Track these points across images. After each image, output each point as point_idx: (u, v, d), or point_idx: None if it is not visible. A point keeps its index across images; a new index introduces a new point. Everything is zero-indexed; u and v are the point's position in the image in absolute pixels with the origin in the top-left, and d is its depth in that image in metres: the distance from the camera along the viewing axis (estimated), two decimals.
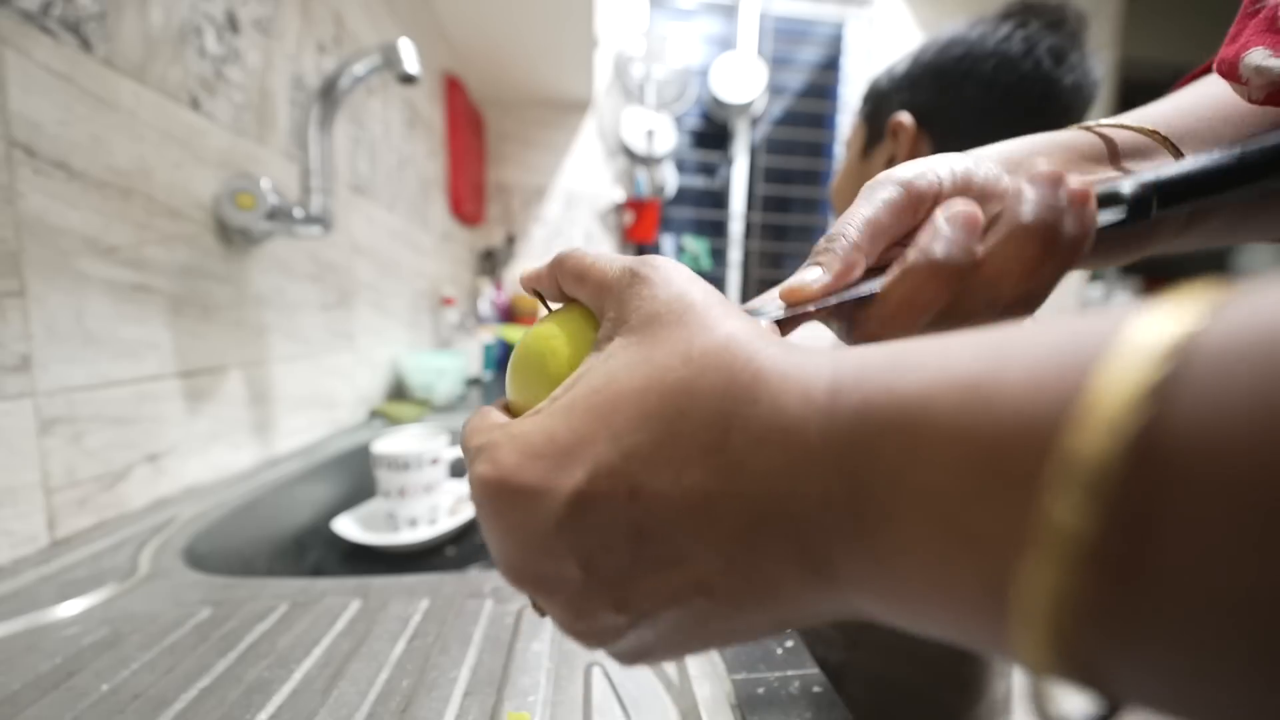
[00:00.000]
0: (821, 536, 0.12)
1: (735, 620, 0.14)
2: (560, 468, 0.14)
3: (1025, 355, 0.09)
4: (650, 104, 1.94)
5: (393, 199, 1.11)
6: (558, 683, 0.28)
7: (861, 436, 0.11)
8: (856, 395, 0.11)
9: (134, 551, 0.43)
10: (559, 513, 0.13)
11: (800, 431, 0.12)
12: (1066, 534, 0.08)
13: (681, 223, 2.17)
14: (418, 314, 1.26)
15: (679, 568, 0.13)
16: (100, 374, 0.45)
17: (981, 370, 0.10)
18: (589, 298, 0.18)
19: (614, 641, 0.15)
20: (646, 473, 0.13)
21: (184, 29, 0.53)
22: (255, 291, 0.65)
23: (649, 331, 0.15)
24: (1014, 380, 0.09)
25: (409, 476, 0.61)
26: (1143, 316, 0.08)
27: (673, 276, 0.16)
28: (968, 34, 0.53)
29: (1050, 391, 0.09)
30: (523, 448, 0.14)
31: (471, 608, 0.35)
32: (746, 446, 0.12)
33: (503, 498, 0.14)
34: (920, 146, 0.55)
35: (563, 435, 0.14)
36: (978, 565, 0.09)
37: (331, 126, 0.61)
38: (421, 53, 0.65)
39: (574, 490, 0.13)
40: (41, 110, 0.40)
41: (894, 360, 0.11)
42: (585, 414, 0.14)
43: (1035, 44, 0.50)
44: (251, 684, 0.28)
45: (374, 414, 0.94)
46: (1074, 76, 0.51)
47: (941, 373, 0.10)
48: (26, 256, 0.39)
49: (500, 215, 2.03)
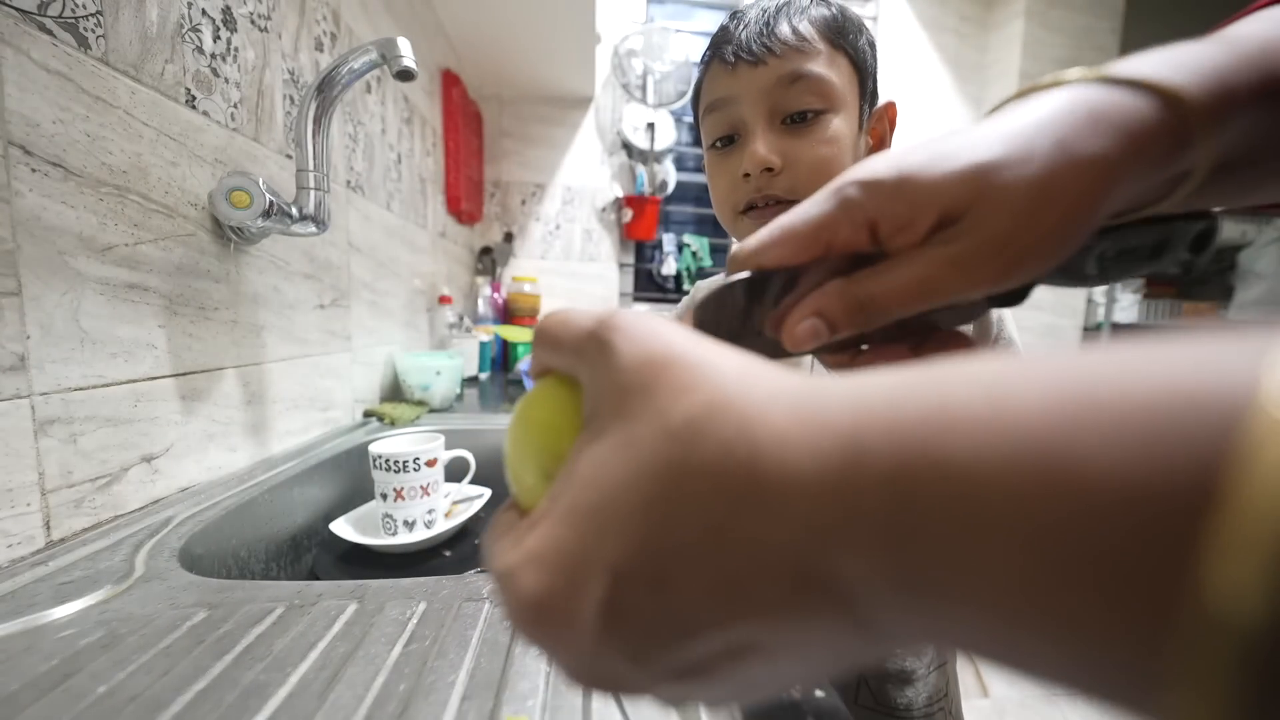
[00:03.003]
0: (865, 595, 0.10)
1: (800, 668, 0.13)
2: (580, 584, 0.13)
3: (1124, 404, 0.07)
4: (650, 100, 1.94)
5: (389, 197, 1.10)
6: (556, 687, 0.28)
7: (902, 519, 0.09)
8: (886, 460, 0.10)
9: (130, 553, 0.42)
10: (593, 628, 0.13)
11: (818, 492, 0.10)
12: (1254, 621, 0.06)
13: (682, 220, 2.17)
14: (415, 313, 1.26)
15: (728, 642, 0.13)
16: (96, 374, 0.45)
17: (1055, 434, 0.08)
18: (567, 368, 0.17)
19: (690, 700, 0.15)
20: (664, 562, 0.12)
21: (181, 26, 0.53)
22: (251, 290, 0.65)
23: (624, 405, 0.14)
24: (1111, 440, 0.07)
25: (406, 478, 0.61)
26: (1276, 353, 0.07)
27: (635, 335, 0.14)
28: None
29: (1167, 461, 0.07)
30: (539, 571, 0.14)
31: (469, 611, 0.35)
32: (756, 520, 0.11)
33: (537, 627, 0.14)
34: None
35: (571, 545, 0.14)
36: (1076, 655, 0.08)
37: (328, 123, 0.61)
38: (419, 48, 0.65)
39: (599, 604, 0.13)
40: (38, 109, 0.40)
41: (926, 413, 0.10)
42: (587, 516, 0.14)
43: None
44: (248, 687, 0.28)
45: (370, 414, 0.94)
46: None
47: (1002, 430, 0.08)
48: (23, 256, 0.39)
49: (498, 213, 2.03)
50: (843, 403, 0.11)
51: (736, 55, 0.47)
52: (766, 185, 0.48)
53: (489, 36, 1.52)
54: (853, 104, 0.48)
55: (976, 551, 0.08)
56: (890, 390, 0.10)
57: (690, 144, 2.12)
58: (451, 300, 1.40)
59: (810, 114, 0.47)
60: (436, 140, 1.44)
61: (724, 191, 0.51)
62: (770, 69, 0.46)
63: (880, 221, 0.20)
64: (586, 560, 0.13)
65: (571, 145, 2.06)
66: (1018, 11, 2.01)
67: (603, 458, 0.14)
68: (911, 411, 0.10)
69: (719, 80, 0.50)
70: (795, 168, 0.47)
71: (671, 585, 0.12)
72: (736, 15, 0.50)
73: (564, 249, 2.09)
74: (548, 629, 0.14)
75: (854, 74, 0.49)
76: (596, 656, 0.14)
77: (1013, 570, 0.08)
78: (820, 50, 0.46)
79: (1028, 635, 0.08)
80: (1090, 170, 0.18)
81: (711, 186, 0.54)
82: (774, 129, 0.48)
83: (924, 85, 2.15)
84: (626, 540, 0.13)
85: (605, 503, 0.13)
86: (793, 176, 0.47)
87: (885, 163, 0.20)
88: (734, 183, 0.50)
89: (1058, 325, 2.09)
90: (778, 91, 0.47)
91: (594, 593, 0.13)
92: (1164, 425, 0.07)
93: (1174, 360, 0.07)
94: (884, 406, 0.10)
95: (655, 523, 0.12)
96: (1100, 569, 0.07)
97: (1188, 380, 0.07)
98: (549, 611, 0.14)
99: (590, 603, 0.13)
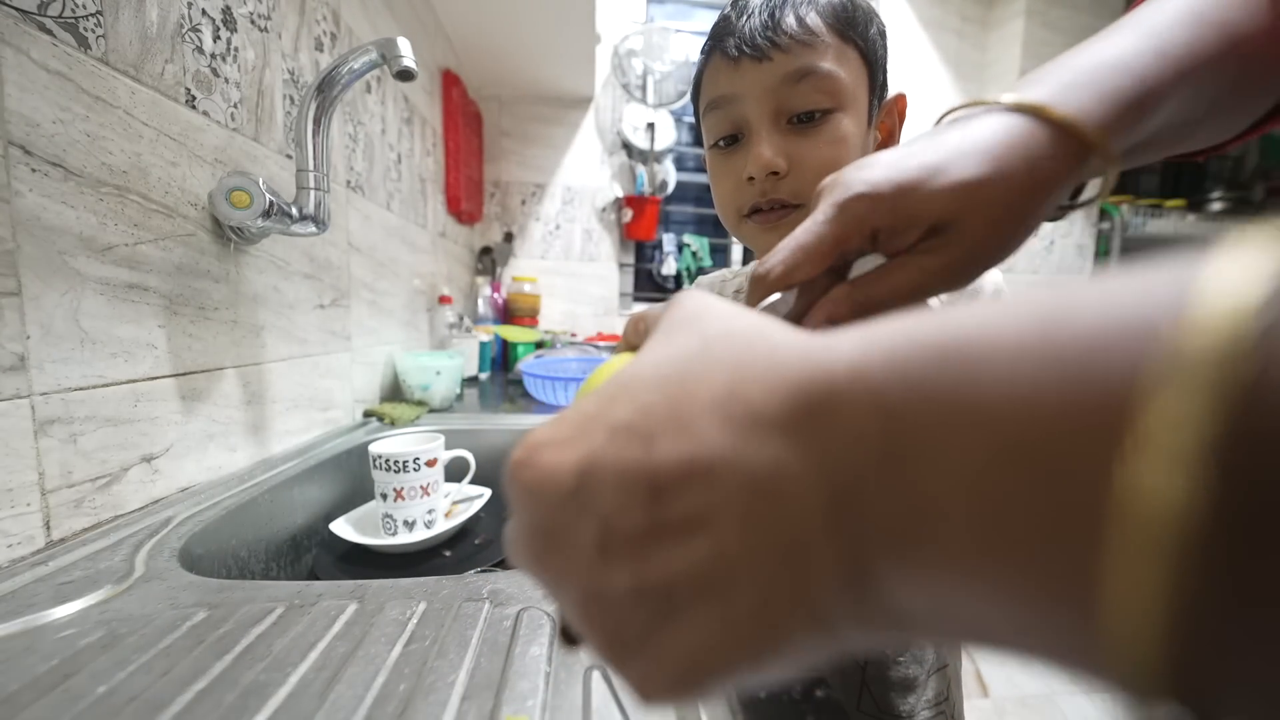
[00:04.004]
0: (853, 480, 0.11)
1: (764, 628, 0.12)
2: (581, 435, 0.14)
3: (1087, 310, 0.08)
4: (650, 100, 1.94)
5: (389, 197, 1.10)
6: (556, 687, 0.28)
7: (894, 396, 0.10)
8: (885, 347, 0.11)
9: (130, 553, 0.42)
10: (575, 470, 0.13)
11: (822, 382, 0.11)
12: (1172, 513, 0.07)
13: (682, 220, 2.17)
14: (414, 313, 1.26)
15: (696, 533, 0.12)
16: (96, 374, 0.45)
17: (1035, 328, 0.09)
18: (645, 336, 0.19)
19: (637, 646, 0.13)
20: (660, 428, 0.13)
21: (180, 26, 0.53)
22: (251, 290, 0.65)
23: (671, 328, 0.16)
24: (1080, 332, 0.08)
25: (406, 478, 0.61)
26: (1218, 262, 0.07)
27: (698, 295, 0.17)
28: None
29: (1125, 347, 0.08)
30: (549, 428, 0.15)
31: (469, 611, 0.35)
32: (761, 398, 0.12)
33: (524, 470, 0.14)
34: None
35: (587, 409, 0.15)
36: (1045, 564, 0.08)
37: (328, 124, 0.61)
38: (419, 48, 0.65)
39: (590, 450, 0.14)
40: (38, 109, 0.40)
41: (924, 322, 0.11)
42: (607, 391, 0.15)
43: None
44: (248, 687, 0.28)
45: (370, 414, 0.94)
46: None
47: (983, 330, 0.09)
48: (22, 256, 0.39)
49: (498, 213, 2.03)
50: (851, 339, 0.12)
51: (739, 49, 0.45)
52: (772, 189, 0.46)
53: (489, 36, 1.52)
54: (862, 100, 0.46)
55: (955, 436, 0.09)
56: (890, 333, 0.11)
57: (690, 144, 2.12)
58: (451, 300, 1.40)
59: (818, 114, 0.44)
60: (436, 140, 1.44)
61: (728, 194, 0.50)
62: (776, 65, 0.44)
63: (881, 231, 0.23)
64: (592, 419, 0.14)
65: (571, 145, 2.06)
66: (1018, 11, 2.01)
67: (639, 360, 0.15)
68: (904, 348, 0.11)
69: (720, 75, 0.48)
70: (801, 171, 0.45)
71: (660, 450, 0.13)
72: (739, 3, 0.47)
73: (564, 249, 2.09)
74: (531, 469, 0.14)
75: (864, 68, 0.46)
76: (561, 517, 0.14)
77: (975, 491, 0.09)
78: (829, 44, 0.44)
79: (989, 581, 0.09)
80: (1043, 188, 0.22)
81: (714, 187, 0.52)
82: (779, 129, 0.46)
83: (924, 85, 2.15)
84: (634, 404, 0.14)
85: (626, 382, 0.15)
86: (799, 180, 0.45)
87: (882, 173, 0.23)
88: (738, 185, 0.48)
89: None
90: (783, 90, 0.44)
91: (587, 444, 0.14)
92: (1097, 349, 0.08)
93: (1110, 293, 0.08)
94: (885, 340, 0.11)
95: (666, 394, 0.13)
96: (1041, 480, 0.08)
97: (1147, 282, 0.08)
98: (542, 455, 0.14)
99: (581, 450, 0.14)
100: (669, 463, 0.12)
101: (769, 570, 0.11)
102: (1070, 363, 0.08)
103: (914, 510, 0.10)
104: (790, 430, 0.11)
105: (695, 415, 0.13)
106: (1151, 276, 0.08)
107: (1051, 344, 0.08)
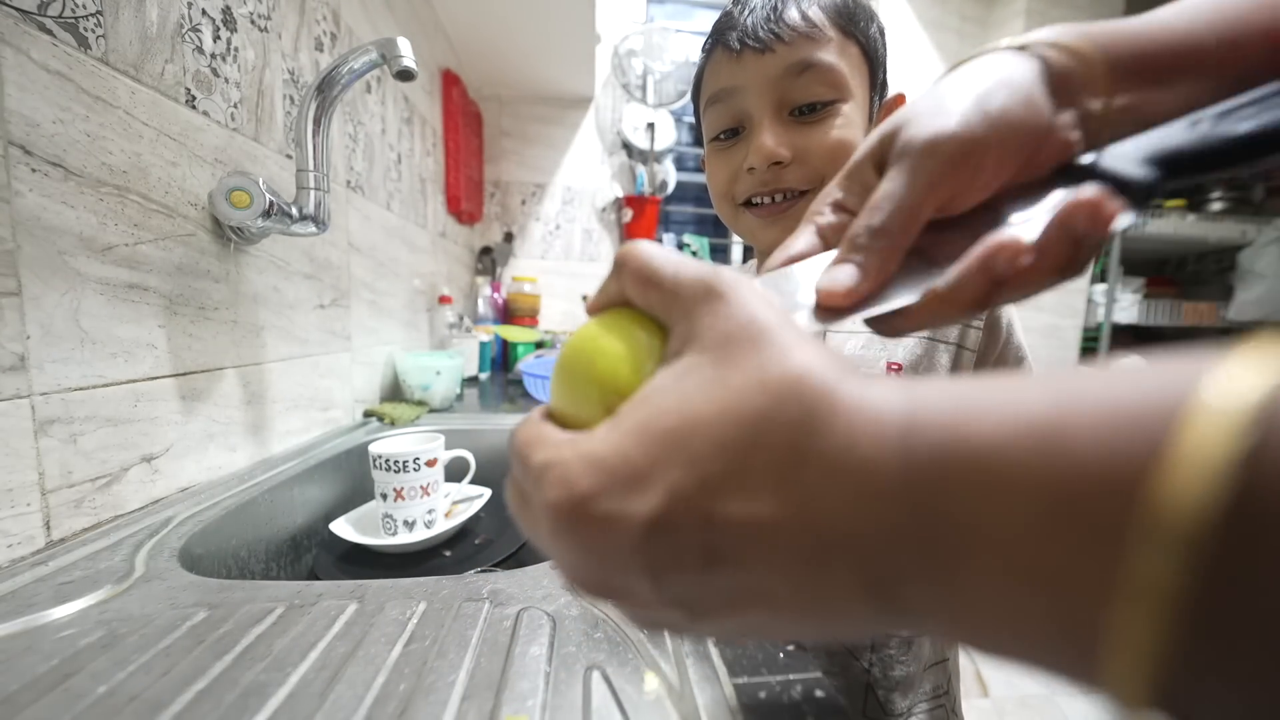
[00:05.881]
0: (890, 570, 0.12)
1: (795, 628, 0.15)
2: (637, 493, 0.14)
3: (1102, 401, 0.10)
4: (650, 100, 1.94)
5: (389, 197, 1.10)
6: (556, 687, 0.28)
7: (935, 478, 0.11)
8: (930, 435, 0.12)
9: (130, 553, 0.42)
10: (636, 536, 0.14)
11: (873, 468, 0.12)
12: (1163, 587, 0.08)
13: (682, 220, 2.17)
14: (415, 313, 1.26)
15: (747, 588, 0.14)
16: (96, 374, 0.45)
17: (1056, 416, 0.10)
18: (655, 304, 0.17)
19: (671, 630, 0.17)
20: (721, 500, 0.13)
21: (180, 26, 0.53)
22: (251, 290, 0.65)
23: (724, 353, 0.14)
24: (1090, 426, 0.10)
25: (406, 478, 0.61)
26: (1225, 367, 0.09)
27: (748, 297, 0.15)
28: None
29: (1132, 440, 0.09)
30: (597, 471, 0.14)
31: (469, 611, 0.35)
32: (819, 480, 0.13)
33: (580, 522, 0.14)
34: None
35: (638, 459, 0.14)
36: (1053, 607, 0.10)
37: (328, 123, 0.61)
38: (419, 48, 0.65)
39: (651, 516, 0.14)
40: (38, 109, 0.40)
41: (966, 401, 0.12)
42: (661, 437, 0.14)
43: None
44: (248, 687, 0.28)
45: (370, 414, 0.94)
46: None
47: (1015, 417, 0.11)
48: (22, 256, 0.39)
49: (498, 213, 2.03)
50: (905, 395, 0.13)
51: (742, 42, 0.45)
52: (774, 180, 0.46)
53: (489, 36, 1.52)
54: (862, 95, 0.46)
55: (988, 509, 0.11)
56: (937, 393, 0.13)
57: (690, 144, 2.12)
58: (451, 300, 1.40)
59: (820, 105, 0.44)
60: (436, 140, 1.44)
61: (723, 183, 0.49)
62: (778, 57, 0.44)
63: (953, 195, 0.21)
64: (648, 476, 0.14)
65: (571, 145, 2.06)
66: (1018, 11, 2.01)
67: (689, 393, 0.14)
68: (949, 405, 0.12)
69: (723, 69, 0.47)
70: (808, 158, 0.45)
71: (720, 522, 0.13)
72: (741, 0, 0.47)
73: (564, 249, 2.09)
74: (585, 527, 0.14)
75: (864, 63, 0.46)
76: (619, 569, 0.14)
77: (1018, 522, 0.10)
78: (831, 38, 0.44)
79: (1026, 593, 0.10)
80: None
81: (710, 178, 0.51)
82: (781, 121, 0.45)
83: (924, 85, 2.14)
84: (695, 470, 0.13)
85: (684, 431, 0.14)
86: (807, 166, 0.45)
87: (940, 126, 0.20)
88: (734, 174, 0.48)
89: (1059, 326, 2.09)
90: (786, 81, 0.44)
91: (646, 507, 0.14)
92: (1128, 415, 0.10)
93: (1156, 370, 0.10)
94: (933, 400, 0.12)
95: (728, 463, 0.13)
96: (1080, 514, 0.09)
97: (1159, 381, 0.10)
98: (595, 510, 0.14)
99: (640, 515, 0.14)
100: (733, 525, 0.13)
101: (810, 615, 0.14)
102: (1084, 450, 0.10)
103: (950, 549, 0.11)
104: (847, 511, 0.12)
105: (759, 490, 0.13)
106: (1159, 375, 0.10)
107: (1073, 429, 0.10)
